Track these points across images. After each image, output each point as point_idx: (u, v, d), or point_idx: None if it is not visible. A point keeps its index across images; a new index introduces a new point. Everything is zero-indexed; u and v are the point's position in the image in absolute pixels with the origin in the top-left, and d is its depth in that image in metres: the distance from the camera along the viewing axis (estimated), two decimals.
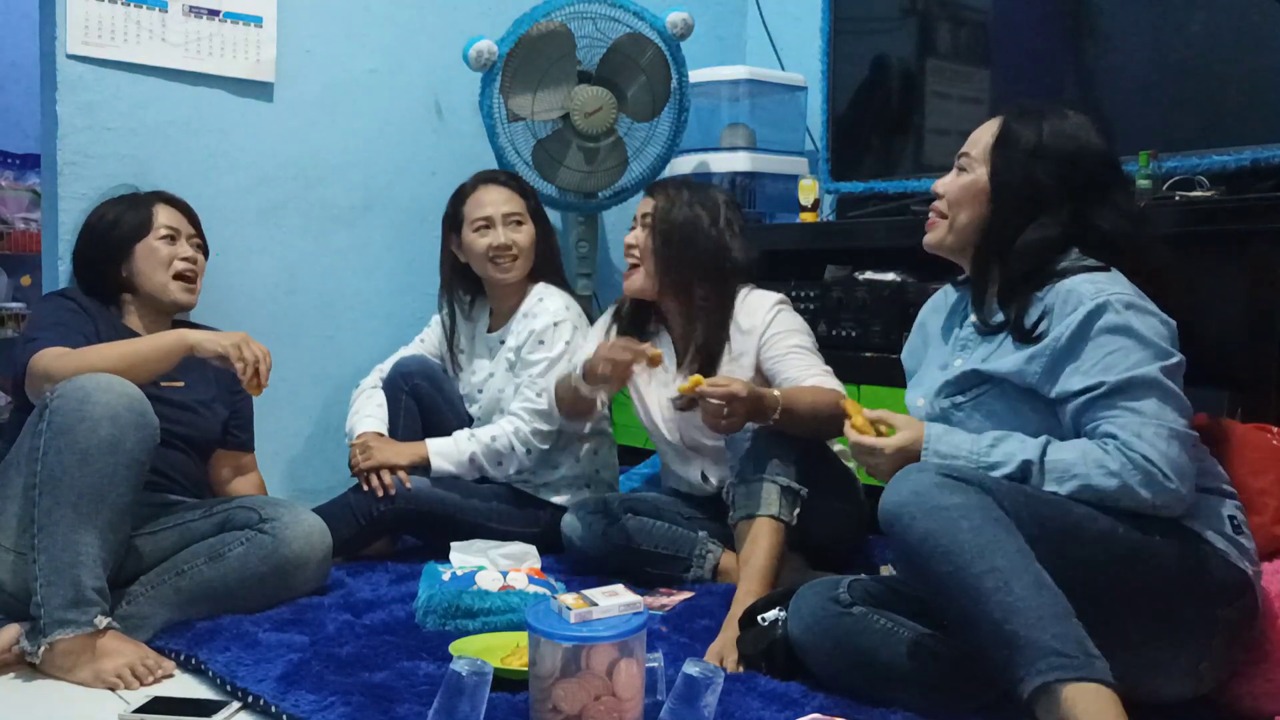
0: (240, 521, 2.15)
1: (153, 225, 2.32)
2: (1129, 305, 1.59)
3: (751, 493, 2.05)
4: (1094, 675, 1.37)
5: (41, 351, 2.04)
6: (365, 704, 1.65)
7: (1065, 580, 1.46)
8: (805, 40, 3.33)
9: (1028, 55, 2.75)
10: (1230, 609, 1.56)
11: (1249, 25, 2.27)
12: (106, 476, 1.88)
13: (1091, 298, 1.60)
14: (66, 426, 1.87)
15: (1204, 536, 1.57)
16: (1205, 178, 2.25)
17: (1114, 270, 1.66)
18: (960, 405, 1.75)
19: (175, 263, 2.32)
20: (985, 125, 1.79)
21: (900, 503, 1.53)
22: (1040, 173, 1.70)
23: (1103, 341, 1.59)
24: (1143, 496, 1.53)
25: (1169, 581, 1.54)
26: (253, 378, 2.07)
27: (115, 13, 2.59)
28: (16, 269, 4.19)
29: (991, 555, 1.45)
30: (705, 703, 1.51)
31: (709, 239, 2.35)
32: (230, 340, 2.08)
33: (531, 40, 2.84)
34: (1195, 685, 1.60)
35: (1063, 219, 1.69)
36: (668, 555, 2.35)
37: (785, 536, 2.04)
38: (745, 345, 2.32)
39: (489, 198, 2.64)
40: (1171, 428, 1.54)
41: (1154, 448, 1.53)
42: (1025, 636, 1.40)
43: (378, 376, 2.75)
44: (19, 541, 1.91)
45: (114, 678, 1.80)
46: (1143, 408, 1.55)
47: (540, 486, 2.62)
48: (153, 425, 1.96)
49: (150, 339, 2.12)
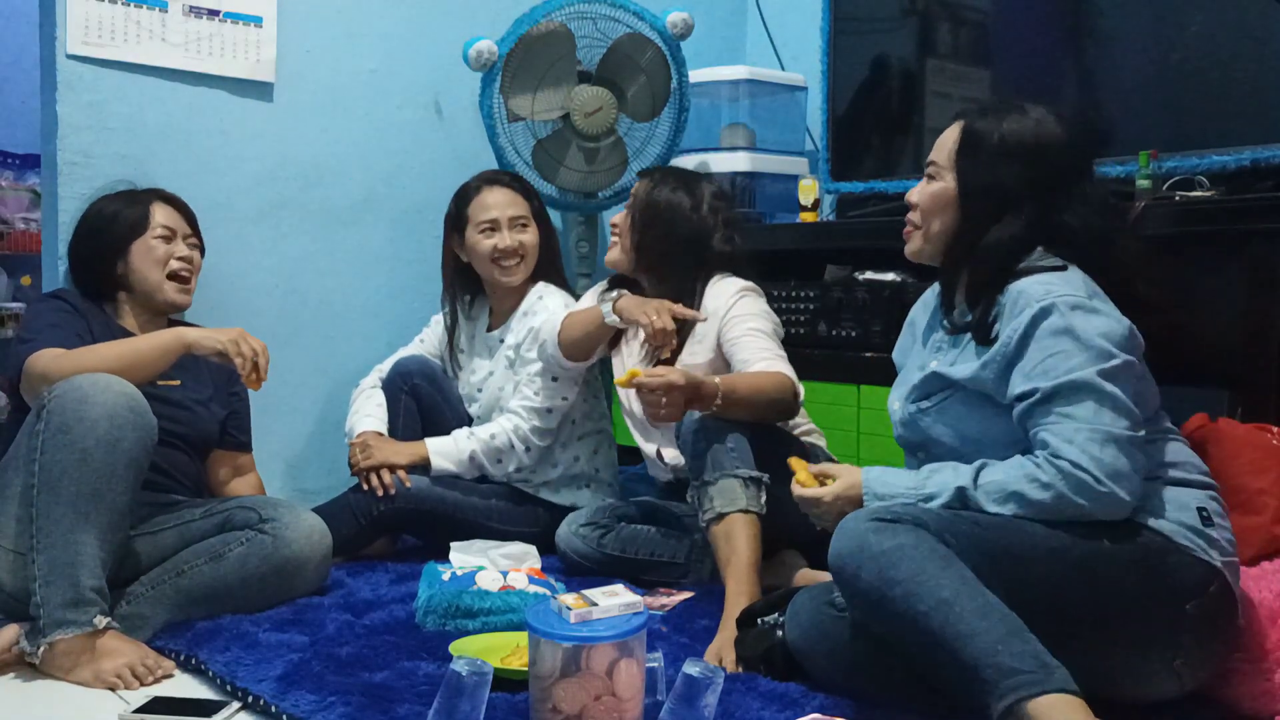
0: (240, 521, 2.15)
1: (149, 224, 2.32)
2: (1075, 306, 1.59)
3: (715, 493, 2.04)
4: (1054, 686, 1.37)
5: (38, 353, 2.04)
6: (365, 704, 1.65)
7: (1019, 601, 1.47)
8: (805, 40, 3.33)
9: (1028, 55, 2.75)
10: (1197, 604, 1.55)
11: (1249, 25, 2.27)
12: (105, 476, 1.88)
13: (1039, 299, 1.60)
14: (65, 426, 1.87)
15: (1162, 533, 1.57)
16: (1205, 178, 2.25)
17: (1072, 269, 1.66)
18: (926, 410, 1.76)
19: (171, 262, 2.32)
20: (949, 130, 1.79)
21: (841, 554, 1.55)
22: (1003, 173, 1.69)
23: (1045, 344, 1.59)
24: (1079, 504, 1.53)
25: (1124, 586, 1.54)
26: (251, 372, 2.08)
27: (115, 13, 2.59)
28: (16, 269, 4.18)
29: (935, 590, 1.45)
30: (705, 703, 1.51)
31: (686, 224, 2.40)
32: (227, 336, 2.09)
33: (531, 40, 2.84)
34: (1177, 684, 1.59)
35: (1027, 217, 1.68)
36: (664, 562, 2.36)
37: (760, 527, 2.02)
38: (707, 328, 2.34)
39: (494, 199, 2.65)
40: (1107, 431, 1.54)
41: (1085, 453, 1.53)
42: (982, 662, 1.40)
43: (377, 376, 2.75)
44: (18, 541, 1.91)
45: (114, 678, 1.80)
46: (1076, 412, 1.55)
47: (540, 486, 2.62)
48: (151, 424, 1.96)
49: (147, 338, 2.12)
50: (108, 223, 2.32)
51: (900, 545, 1.49)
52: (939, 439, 1.75)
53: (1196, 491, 1.64)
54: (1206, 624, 1.57)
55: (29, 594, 1.85)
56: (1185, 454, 1.68)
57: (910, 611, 1.46)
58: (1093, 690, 1.50)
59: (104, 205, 2.37)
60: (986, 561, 1.50)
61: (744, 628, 1.85)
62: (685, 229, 2.40)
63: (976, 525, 1.55)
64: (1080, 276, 1.65)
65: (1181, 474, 1.65)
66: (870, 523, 1.53)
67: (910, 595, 1.46)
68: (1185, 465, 1.66)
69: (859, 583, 1.52)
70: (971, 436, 1.70)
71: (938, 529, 1.52)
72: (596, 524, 2.41)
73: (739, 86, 3.22)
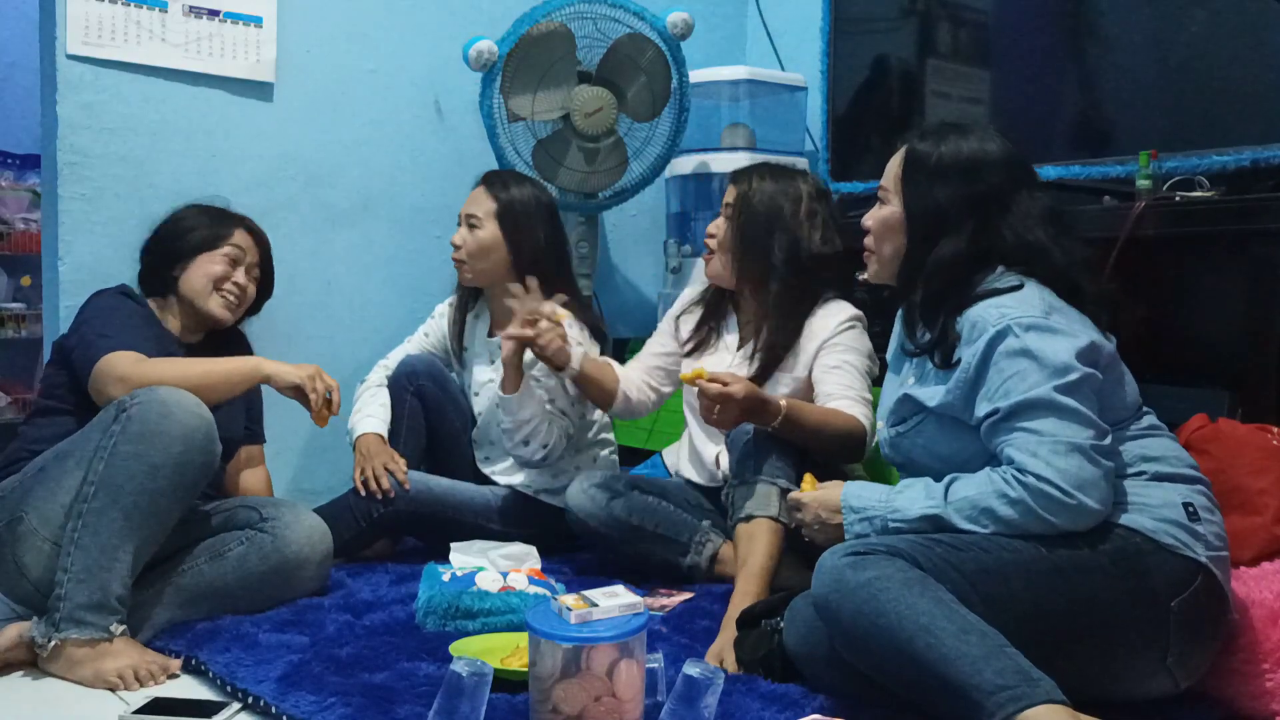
0: (241, 521, 2.15)
1: (224, 242, 2.30)
2: (1030, 327, 1.61)
3: (750, 494, 2.05)
4: (1039, 698, 1.37)
5: (118, 353, 2.03)
6: (365, 705, 1.65)
7: (1001, 618, 1.48)
8: (805, 40, 3.33)
9: (1028, 55, 2.75)
10: (1181, 600, 1.55)
11: (1249, 25, 2.27)
12: (166, 494, 1.90)
13: (994, 324, 1.63)
14: (143, 435, 1.88)
15: (1142, 531, 1.57)
16: (1205, 178, 2.25)
17: (1029, 286, 1.67)
18: (904, 434, 1.79)
19: (226, 284, 2.29)
20: (895, 155, 1.83)
21: (823, 593, 1.56)
22: (941, 194, 1.73)
23: (1003, 366, 1.61)
24: (1049, 521, 1.54)
25: (1102, 590, 1.54)
26: (323, 408, 2.12)
27: (115, 13, 2.59)
28: (16, 269, 4.18)
29: (915, 616, 1.46)
30: (705, 703, 1.51)
31: (786, 232, 2.30)
32: (305, 373, 2.12)
33: (532, 40, 2.84)
34: (1171, 681, 1.59)
35: (968, 235, 1.72)
36: (667, 537, 2.34)
37: (784, 538, 2.04)
38: (809, 349, 2.29)
39: (470, 197, 2.64)
40: (1070, 442, 1.55)
41: (1050, 465, 1.54)
42: (968, 683, 1.40)
43: (382, 373, 2.73)
44: (59, 532, 1.90)
45: (115, 678, 1.80)
46: (1039, 427, 1.57)
47: (540, 490, 2.61)
48: (216, 453, 1.98)
49: (226, 362, 2.13)
50: (185, 233, 2.30)
51: (877, 577, 1.50)
52: (918, 460, 1.78)
53: (1182, 486, 1.64)
54: (1194, 620, 1.57)
55: (51, 588, 1.85)
56: (1171, 449, 1.69)
57: (893, 642, 1.47)
58: (1090, 692, 1.51)
59: (187, 214, 2.34)
60: (964, 582, 1.52)
61: (744, 629, 1.85)
62: (784, 237, 2.30)
63: (951, 547, 1.56)
64: (1037, 293, 1.67)
65: (1167, 469, 1.65)
66: (845, 558, 1.55)
67: (890, 627, 1.47)
68: (1170, 460, 1.67)
69: (842, 620, 1.54)
70: (946, 456, 1.72)
71: (912, 555, 1.53)
72: (608, 487, 2.38)
73: (739, 87, 3.22)
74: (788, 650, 1.74)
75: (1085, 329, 1.65)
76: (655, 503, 2.37)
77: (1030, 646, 1.45)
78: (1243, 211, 2.09)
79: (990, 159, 1.73)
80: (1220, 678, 1.65)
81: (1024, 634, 1.47)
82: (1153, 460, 1.65)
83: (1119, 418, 1.66)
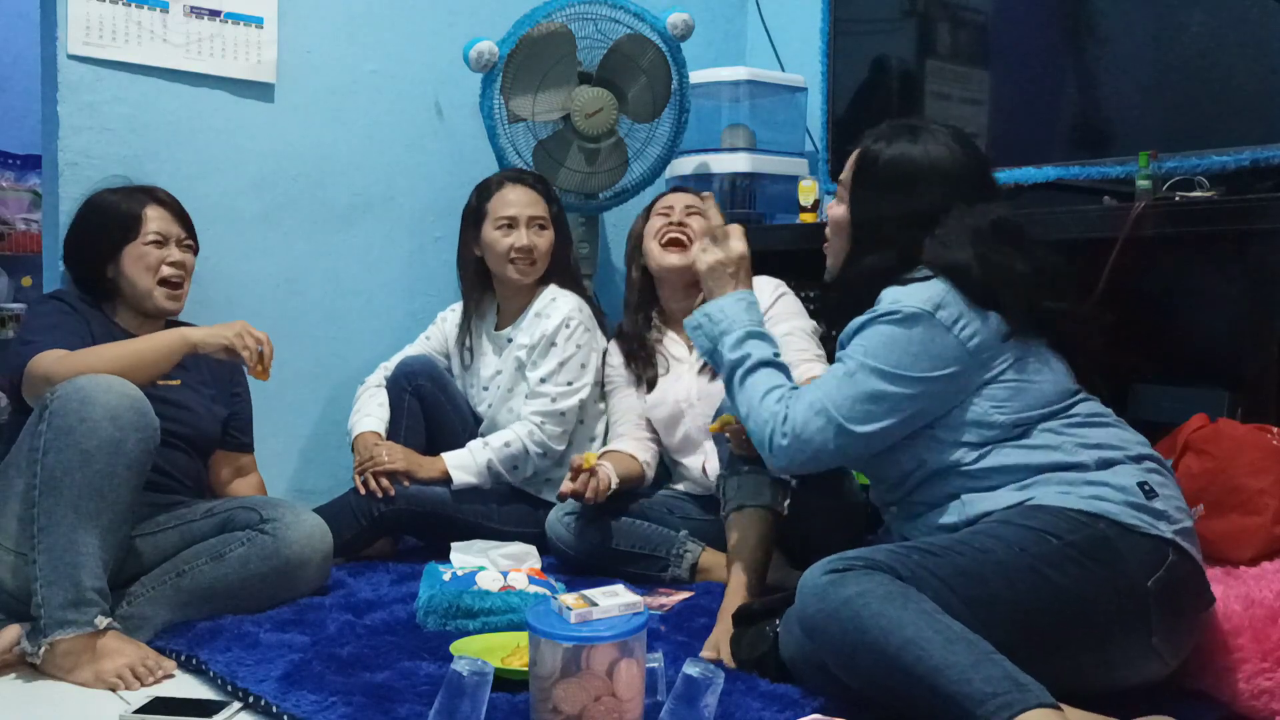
0: (241, 522, 2.15)
1: (142, 229, 2.28)
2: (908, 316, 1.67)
3: (743, 484, 2.04)
4: (1029, 703, 1.37)
5: (41, 354, 2.04)
6: (366, 704, 1.65)
7: (985, 620, 1.48)
8: (805, 41, 3.32)
9: (1028, 55, 2.75)
10: (1158, 578, 1.55)
11: (1249, 25, 2.27)
12: (107, 477, 1.89)
13: (890, 301, 1.70)
14: (67, 427, 1.87)
15: (1107, 516, 1.58)
16: (1205, 178, 2.25)
17: (935, 280, 1.70)
18: None
19: (163, 269, 2.28)
20: (854, 153, 1.86)
21: (808, 614, 1.56)
22: (881, 205, 1.78)
23: (867, 333, 1.70)
24: (760, 445, 1.74)
25: (1080, 581, 1.54)
26: (258, 363, 2.11)
27: (116, 13, 2.59)
28: (17, 270, 4.19)
29: (900, 629, 1.46)
30: (705, 703, 1.51)
31: None
32: (231, 331, 2.10)
33: (532, 41, 2.84)
34: (1159, 663, 1.59)
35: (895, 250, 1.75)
36: (645, 555, 2.38)
37: (775, 528, 2.03)
38: None
39: (515, 197, 2.65)
40: (825, 409, 1.67)
41: (800, 414, 1.69)
42: (958, 693, 1.40)
43: (382, 375, 2.75)
44: (20, 542, 1.91)
45: (114, 678, 1.80)
46: (831, 372, 1.71)
47: (543, 485, 2.62)
48: (153, 426, 1.96)
49: (150, 339, 2.12)
50: (100, 223, 2.29)
51: (859, 593, 1.50)
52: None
53: (1132, 467, 1.65)
54: (1172, 596, 1.57)
55: (30, 594, 1.85)
56: (1113, 435, 1.69)
57: (881, 656, 1.46)
58: (1088, 686, 1.51)
59: (98, 201, 2.34)
60: (944, 587, 1.52)
61: (741, 626, 1.85)
62: None
63: (928, 553, 1.57)
64: (941, 290, 1.69)
65: (1112, 454, 1.66)
66: (825, 575, 1.55)
67: (877, 642, 1.47)
68: (1113, 445, 1.68)
69: (829, 639, 1.54)
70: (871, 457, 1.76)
71: (890, 565, 1.53)
72: (583, 514, 2.42)
73: (739, 87, 3.22)
74: (782, 656, 1.74)
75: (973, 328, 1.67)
76: (630, 523, 2.41)
77: (1020, 647, 1.45)
78: (1242, 212, 2.09)
79: (931, 171, 1.75)
80: (1220, 677, 1.65)
81: (1012, 634, 1.47)
82: (1094, 448, 1.66)
83: (1040, 409, 1.68)
